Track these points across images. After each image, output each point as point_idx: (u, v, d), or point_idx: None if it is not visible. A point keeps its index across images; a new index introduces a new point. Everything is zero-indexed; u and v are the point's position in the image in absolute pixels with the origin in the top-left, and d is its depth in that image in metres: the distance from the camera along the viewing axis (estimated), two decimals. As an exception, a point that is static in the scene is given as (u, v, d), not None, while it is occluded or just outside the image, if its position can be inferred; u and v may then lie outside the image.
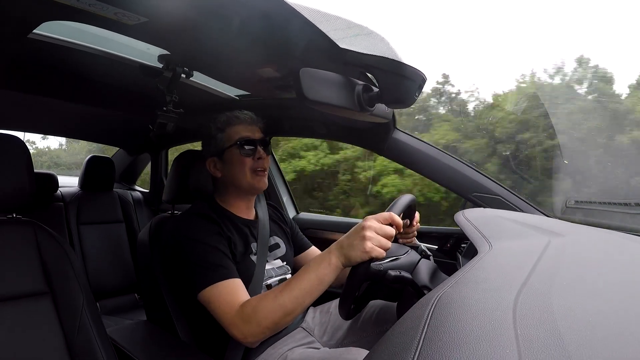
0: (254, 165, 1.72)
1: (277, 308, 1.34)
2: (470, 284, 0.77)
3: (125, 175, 4.23)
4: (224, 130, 1.75)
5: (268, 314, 1.34)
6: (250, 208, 1.86)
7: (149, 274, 1.80)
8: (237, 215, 1.78)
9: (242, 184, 1.73)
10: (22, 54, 1.68)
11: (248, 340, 1.39)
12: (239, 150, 1.71)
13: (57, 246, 1.46)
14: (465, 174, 2.02)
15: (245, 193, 1.79)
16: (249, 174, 1.71)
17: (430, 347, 0.53)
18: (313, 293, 1.34)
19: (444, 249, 2.20)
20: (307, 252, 2.04)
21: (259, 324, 1.35)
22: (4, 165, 1.37)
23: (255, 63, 1.66)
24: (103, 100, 2.45)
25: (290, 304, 1.33)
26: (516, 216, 1.53)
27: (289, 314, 1.34)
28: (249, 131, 1.75)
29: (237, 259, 1.61)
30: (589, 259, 1.05)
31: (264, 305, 1.36)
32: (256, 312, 1.36)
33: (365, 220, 1.29)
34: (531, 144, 5.39)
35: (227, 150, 1.73)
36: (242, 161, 1.71)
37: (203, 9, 1.19)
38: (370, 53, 1.22)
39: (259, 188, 1.75)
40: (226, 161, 1.74)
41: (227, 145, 1.73)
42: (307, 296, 1.34)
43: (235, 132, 1.74)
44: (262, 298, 1.39)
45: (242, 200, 1.81)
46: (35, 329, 1.34)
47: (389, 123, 2.04)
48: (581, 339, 0.53)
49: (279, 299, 1.34)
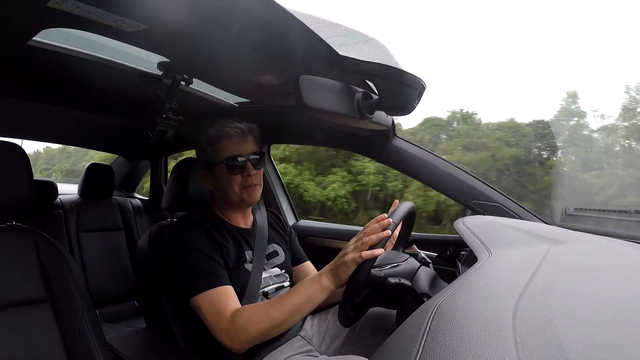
0: (243, 182, 1.70)
1: (267, 320, 1.40)
2: (469, 291, 0.77)
3: (125, 182, 4.23)
4: (214, 144, 1.73)
5: (258, 324, 1.40)
6: (246, 217, 1.85)
7: (149, 282, 1.80)
8: (233, 224, 1.78)
9: (232, 199, 1.73)
10: (21, 61, 1.68)
11: (235, 347, 1.43)
12: (227, 168, 1.69)
13: (57, 253, 1.46)
14: (464, 181, 2.02)
15: (238, 207, 1.79)
16: (237, 190, 1.70)
17: (430, 354, 0.53)
18: (302, 310, 1.41)
19: (443, 257, 2.19)
20: (300, 266, 2.00)
21: (247, 332, 1.40)
22: (4, 173, 1.37)
23: (254, 70, 1.66)
24: (102, 108, 2.46)
25: (279, 318, 1.39)
26: (516, 223, 1.53)
27: (277, 327, 1.41)
28: (239, 145, 1.71)
29: (229, 267, 1.62)
30: (588, 266, 1.05)
31: (254, 316, 1.42)
32: (246, 322, 1.41)
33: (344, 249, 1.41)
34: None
35: (217, 166, 1.71)
36: (230, 179, 1.70)
37: (203, 16, 1.19)
38: (370, 60, 1.22)
39: (249, 202, 1.75)
40: (216, 176, 1.73)
41: (217, 161, 1.71)
42: (296, 313, 1.40)
43: (225, 147, 1.71)
44: (254, 308, 1.45)
45: (237, 211, 1.81)
46: (35, 336, 1.34)
47: (389, 130, 2.04)
48: (581, 346, 0.53)
49: (270, 312, 1.41)
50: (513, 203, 1.95)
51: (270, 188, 2.94)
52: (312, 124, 2.33)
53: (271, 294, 1.71)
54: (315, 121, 2.16)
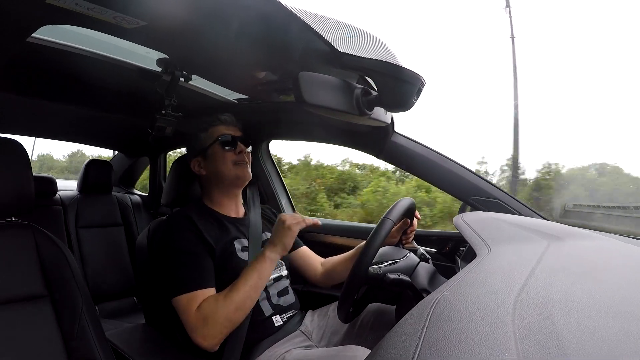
0: (236, 158, 1.80)
1: (229, 304, 1.48)
2: (469, 287, 0.77)
3: (124, 178, 4.22)
4: (206, 130, 1.83)
5: (222, 310, 1.48)
6: (238, 205, 1.92)
7: (148, 278, 1.80)
8: (224, 214, 1.83)
9: (226, 177, 1.80)
10: (20, 58, 1.68)
11: (208, 342, 1.49)
12: (221, 146, 1.79)
13: (56, 249, 1.45)
14: (463, 177, 2.02)
15: (231, 186, 1.85)
16: (231, 166, 1.79)
17: (429, 350, 0.53)
18: (257, 286, 1.54)
19: (442, 252, 2.19)
20: (298, 251, 2.06)
21: (215, 321, 1.48)
22: (3, 169, 1.37)
23: (253, 66, 1.66)
24: (101, 104, 2.45)
25: (239, 299, 1.49)
26: (515, 219, 1.53)
27: (239, 309, 1.50)
28: (229, 130, 1.84)
29: (217, 256, 1.67)
30: (588, 262, 1.05)
31: (217, 304, 1.50)
32: (212, 312, 1.49)
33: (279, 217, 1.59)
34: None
35: (210, 148, 1.81)
36: (224, 155, 1.79)
37: (202, 13, 1.19)
38: (368, 56, 1.22)
39: (243, 178, 1.83)
40: (209, 158, 1.82)
41: (210, 143, 1.81)
42: (251, 290, 1.52)
43: (216, 130, 1.82)
44: (215, 298, 1.53)
45: (229, 197, 1.87)
46: (34, 332, 1.34)
47: (388, 126, 2.03)
48: (580, 341, 0.53)
49: (229, 296, 1.50)
50: (512, 199, 1.95)
51: (269, 184, 2.94)
52: (311, 120, 2.33)
53: (270, 285, 1.74)
54: (314, 117, 2.16)
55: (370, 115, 1.44)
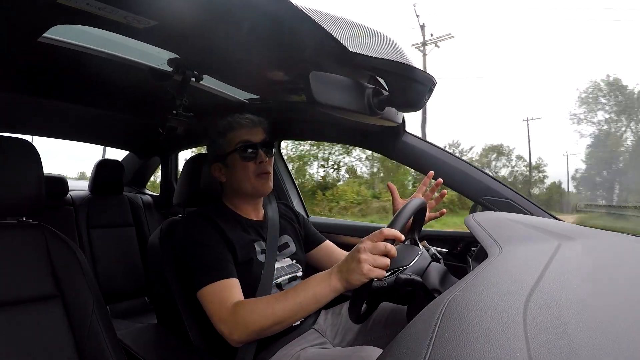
0: (257, 169, 1.72)
1: (269, 315, 1.36)
2: (480, 287, 0.77)
3: (135, 178, 4.24)
4: (225, 135, 1.75)
5: (258, 318, 1.37)
6: (258, 209, 1.87)
7: (160, 277, 1.80)
8: (244, 216, 1.80)
9: (246, 189, 1.75)
10: (32, 58, 1.69)
11: (233, 338, 1.40)
12: (240, 155, 1.72)
13: (67, 250, 1.46)
14: (474, 177, 2.01)
15: (251, 197, 1.80)
16: (252, 178, 1.72)
17: (441, 349, 0.53)
18: (307, 309, 1.36)
19: (454, 253, 2.19)
20: (321, 247, 2.03)
21: (247, 326, 1.37)
22: (15, 169, 1.38)
23: (264, 66, 1.66)
24: (113, 104, 2.47)
25: (281, 314, 1.35)
26: (526, 219, 1.52)
27: (278, 324, 1.37)
28: (250, 134, 1.74)
29: (239, 260, 1.62)
30: (599, 262, 1.04)
31: (256, 310, 1.38)
32: (247, 315, 1.38)
33: (361, 243, 1.30)
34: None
35: (229, 156, 1.74)
36: (244, 166, 1.71)
37: (213, 12, 1.19)
38: (380, 56, 1.22)
39: (263, 192, 1.77)
40: (229, 166, 1.75)
41: (229, 151, 1.73)
42: (300, 310, 1.35)
43: (236, 136, 1.73)
44: (257, 302, 1.42)
45: (249, 203, 1.82)
46: (45, 332, 1.34)
47: (399, 126, 2.03)
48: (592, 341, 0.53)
49: (273, 308, 1.36)
50: (523, 199, 1.94)
51: (280, 183, 2.94)
52: (322, 120, 2.33)
53: (284, 285, 1.73)
54: (325, 117, 2.16)
55: (382, 115, 1.44)
